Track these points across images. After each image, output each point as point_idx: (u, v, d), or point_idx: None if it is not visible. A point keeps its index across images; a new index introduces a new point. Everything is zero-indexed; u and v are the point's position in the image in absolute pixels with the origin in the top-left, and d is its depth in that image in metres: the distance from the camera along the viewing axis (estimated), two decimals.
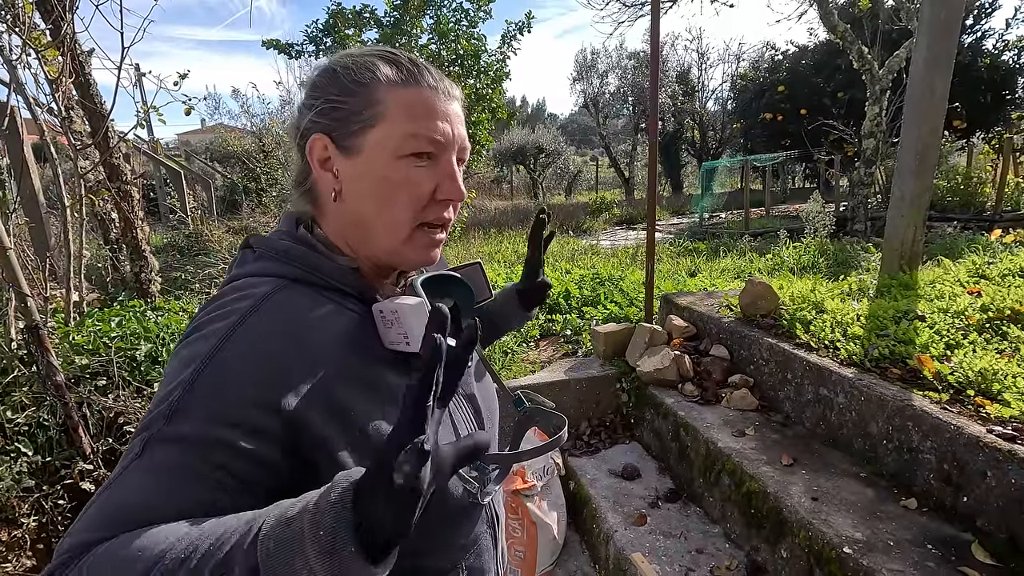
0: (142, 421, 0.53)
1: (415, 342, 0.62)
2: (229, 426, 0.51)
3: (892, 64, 7.87)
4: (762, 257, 6.48)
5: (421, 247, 0.66)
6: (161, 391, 0.54)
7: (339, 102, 0.63)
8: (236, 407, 0.52)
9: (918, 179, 2.82)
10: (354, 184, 0.64)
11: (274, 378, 0.54)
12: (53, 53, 2.74)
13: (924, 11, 2.78)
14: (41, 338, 2.04)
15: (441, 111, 0.64)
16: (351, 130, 0.63)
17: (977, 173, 9.03)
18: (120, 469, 0.51)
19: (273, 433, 0.53)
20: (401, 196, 0.63)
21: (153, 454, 0.50)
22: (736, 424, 2.18)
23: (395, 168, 0.62)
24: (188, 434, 0.51)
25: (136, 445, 0.51)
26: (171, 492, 0.49)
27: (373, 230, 0.65)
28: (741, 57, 22.74)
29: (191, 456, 0.50)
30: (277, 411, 0.53)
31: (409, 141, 0.62)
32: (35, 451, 2.03)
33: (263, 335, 0.56)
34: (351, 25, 7.93)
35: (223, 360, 0.53)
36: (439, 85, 0.65)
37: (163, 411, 0.51)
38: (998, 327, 2.03)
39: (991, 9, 12.87)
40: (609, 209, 15.05)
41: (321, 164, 0.65)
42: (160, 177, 10.44)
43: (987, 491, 1.44)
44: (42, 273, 2.85)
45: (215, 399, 0.52)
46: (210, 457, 0.50)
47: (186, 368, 0.53)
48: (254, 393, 0.53)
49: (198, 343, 0.55)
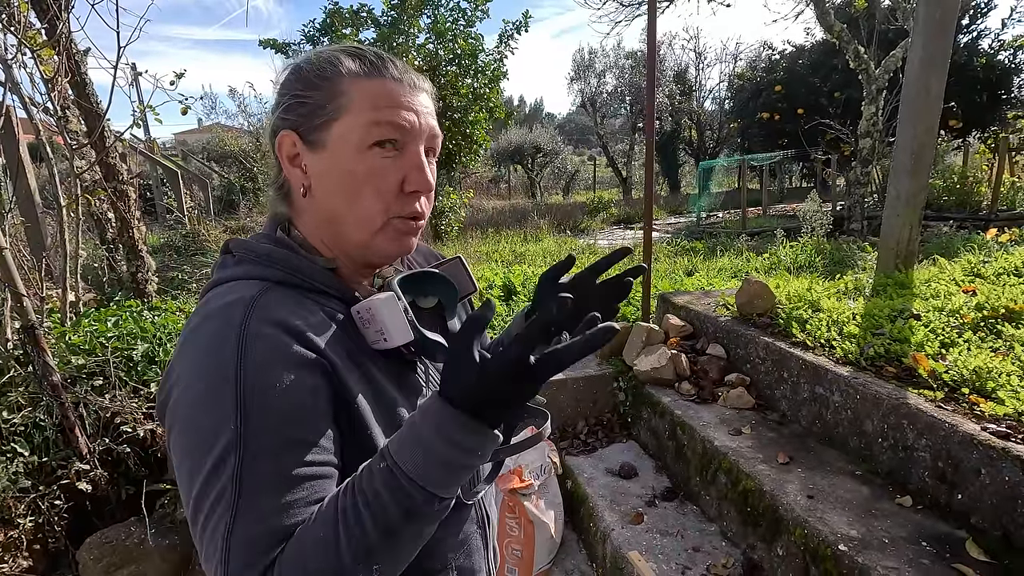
0: (203, 454, 0.53)
1: (391, 337, 0.62)
2: (297, 420, 0.54)
3: (888, 64, 7.90)
4: (759, 256, 6.49)
5: (393, 237, 0.66)
6: (204, 424, 0.53)
7: (304, 97, 0.64)
8: (289, 406, 0.54)
9: (914, 178, 2.84)
10: (322, 179, 0.64)
11: (299, 353, 0.56)
12: (49, 52, 2.73)
13: (920, 11, 2.79)
14: (37, 338, 2.03)
15: (405, 101, 0.64)
16: (316, 124, 0.63)
17: (973, 172, 9.07)
18: (216, 501, 0.51)
19: (324, 386, 0.57)
20: (367, 189, 0.63)
21: (254, 475, 0.51)
22: (732, 423, 2.19)
23: (360, 160, 0.62)
24: (269, 444, 0.52)
25: (220, 480, 0.51)
26: (296, 496, 0.53)
27: (344, 225, 0.65)
28: (738, 57, 22.77)
29: (286, 461, 0.53)
30: (319, 368, 0.57)
31: (372, 130, 0.62)
32: (31, 451, 2.03)
33: (268, 331, 0.56)
34: (348, 24, 7.92)
35: (251, 367, 0.53)
36: (404, 76, 0.65)
37: (232, 440, 0.52)
38: (993, 326, 2.04)
39: (987, 9, 12.91)
40: (607, 208, 15.05)
41: (290, 160, 0.65)
42: (157, 177, 10.41)
43: (981, 488, 1.45)
44: (38, 273, 2.84)
45: (267, 402, 0.53)
46: (297, 453, 0.54)
47: (222, 390, 0.53)
48: (294, 380, 0.55)
49: (213, 364, 0.54)
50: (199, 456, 0.52)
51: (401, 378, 0.68)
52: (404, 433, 0.53)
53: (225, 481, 0.51)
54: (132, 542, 2.03)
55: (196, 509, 0.52)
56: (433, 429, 0.51)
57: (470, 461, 0.52)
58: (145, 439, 2.21)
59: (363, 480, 0.52)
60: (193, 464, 0.53)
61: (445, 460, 0.51)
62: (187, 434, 0.54)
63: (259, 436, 0.52)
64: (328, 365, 0.58)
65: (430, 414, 0.52)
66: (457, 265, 0.78)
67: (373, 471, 0.52)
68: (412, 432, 0.52)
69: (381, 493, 0.50)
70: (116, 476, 2.19)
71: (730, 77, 21.16)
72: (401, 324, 0.62)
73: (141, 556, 2.03)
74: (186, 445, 0.54)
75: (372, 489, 0.51)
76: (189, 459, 0.53)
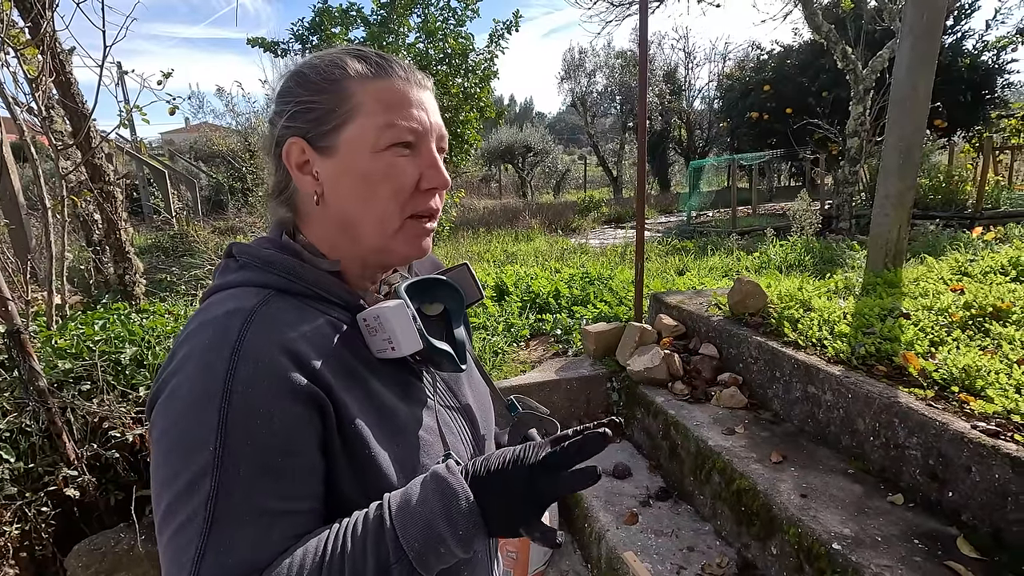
0: (175, 468, 0.51)
1: (399, 346, 0.60)
2: (279, 451, 0.53)
3: (875, 64, 7.98)
4: (749, 255, 6.53)
5: (411, 238, 0.65)
6: (184, 435, 0.52)
7: (311, 102, 0.62)
8: (272, 427, 0.53)
9: (902, 178, 2.87)
10: (336, 184, 0.63)
11: (292, 379, 0.54)
12: (32, 51, 2.69)
13: (907, 12, 2.82)
14: (22, 342, 2.00)
15: (415, 99, 0.63)
16: (326, 129, 0.62)
17: (958, 171, 9.18)
18: (187, 520, 0.50)
19: (312, 415, 0.56)
20: (384, 189, 0.62)
21: (228, 503, 0.50)
22: (726, 422, 2.20)
23: (375, 162, 0.61)
24: (247, 473, 0.51)
25: (192, 501, 0.50)
26: (270, 530, 0.51)
27: (361, 228, 0.64)
28: (727, 57, 22.98)
29: (260, 493, 0.52)
30: (312, 395, 0.55)
31: (386, 132, 0.61)
32: (17, 457, 1.99)
33: (264, 351, 0.54)
34: (337, 23, 7.87)
35: (239, 387, 0.52)
36: (410, 76, 0.65)
37: (209, 461, 0.50)
38: (981, 324, 2.06)
39: (971, 10, 13.09)
40: (598, 208, 15.08)
41: (300, 168, 0.64)
42: (143, 177, 10.29)
43: (972, 486, 1.47)
44: (23, 276, 2.79)
45: (251, 427, 0.52)
46: (276, 485, 0.52)
47: (207, 407, 0.51)
48: (283, 398, 0.53)
49: (203, 375, 0.53)
50: (175, 468, 0.51)
51: (406, 388, 0.66)
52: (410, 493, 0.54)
53: (197, 504, 0.49)
54: (121, 548, 2.01)
55: (164, 521, 0.51)
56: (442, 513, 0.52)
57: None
58: (134, 444, 2.18)
59: (355, 528, 0.52)
60: (168, 474, 0.51)
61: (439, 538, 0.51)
62: (165, 441, 0.52)
63: (238, 463, 0.50)
64: (323, 391, 0.56)
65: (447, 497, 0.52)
66: (464, 272, 0.77)
67: (368, 519, 0.53)
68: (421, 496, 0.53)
69: (367, 543, 0.51)
70: (104, 482, 2.15)
71: (719, 77, 21.30)
72: (410, 333, 0.60)
73: (130, 563, 2.00)
74: (164, 452, 0.52)
75: (360, 538, 0.51)
76: (165, 467, 0.52)
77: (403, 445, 0.61)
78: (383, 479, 0.58)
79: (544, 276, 4.72)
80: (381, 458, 0.59)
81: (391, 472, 0.58)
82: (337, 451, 0.57)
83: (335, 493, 0.57)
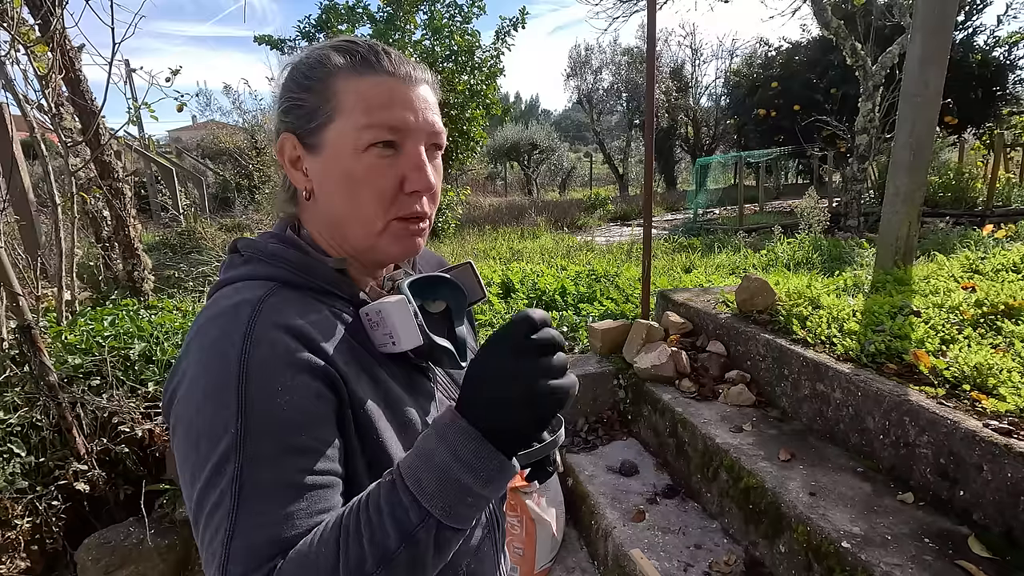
0: (202, 457, 0.52)
1: (400, 341, 0.61)
2: (300, 427, 0.53)
3: (885, 60, 7.91)
4: (757, 253, 6.50)
5: (398, 238, 0.64)
6: (207, 424, 0.52)
7: (299, 99, 0.63)
8: (293, 413, 0.53)
9: (912, 175, 2.84)
10: (322, 182, 0.63)
11: (305, 358, 0.55)
12: (42, 49, 2.70)
13: (919, 7, 2.78)
14: (33, 338, 2.01)
15: (401, 98, 0.61)
16: (312, 127, 0.62)
17: (968, 169, 9.10)
18: (214, 506, 0.50)
19: (328, 397, 0.56)
20: (365, 191, 0.61)
21: (253, 482, 0.50)
22: (733, 420, 2.19)
23: (356, 162, 0.60)
24: (269, 450, 0.51)
25: (220, 485, 0.50)
26: (296, 505, 0.51)
27: (347, 227, 0.64)
28: (734, 53, 22.85)
29: (285, 468, 0.52)
30: (325, 374, 0.56)
31: (366, 133, 0.59)
32: (28, 452, 2.01)
33: (276, 334, 0.55)
34: (344, 20, 7.88)
35: (255, 369, 0.52)
36: (399, 70, 0.63)
37: (231, 444, 0.51)
38: (992, 322, 2.04)
39: (982, 5, 12.95)
40: (604, 205, 15.04)
41: (292, 164, 0.64)
42: (151, 174, 10.34)
43: (983, 485, 1.45)
44: (33, 272, 2.82)
45: (270, 407, 0.52)
46: (299, 460, 0.52)
47: (225, 392, 0.52)
48: (298, 386, 0.54)
49: (218, 363, 0.53)
50: (200, 458, 0.51)
51: (411, 380, 0.67)
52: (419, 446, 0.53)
53: (224, 486, 0.50)
54: (131, 542, 2.02)
55: (197, 512, 0.51)
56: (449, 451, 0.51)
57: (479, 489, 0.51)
58: (143, 439, 2.20)
59: (370, 497, 0.52)
60: (195, 466, 0.52)
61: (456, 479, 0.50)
62: (189, 435, 0.53)
63: (259, 441, 0.51)
64: (335, 371, 0.56)
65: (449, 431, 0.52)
66: (467, 271, 0.77)
67: (381, 485, 0.52)
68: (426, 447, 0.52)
69: (382, 509, 0.50)
70: (114, 476, 2.17)
71: (726, 74, 21.16)
72: (411, 328, 0.61)
73: (140, 557, 2.01)
74: (188, 446, 0.53)
75: (376, 505, 0.50)
76: (191, 460, 0.53)
77: (410, 434, 0.61)
78: (392, 466, 0.58)
79: (550, 273, 4.72)
80: (391, 444, 0.59)
81: (399, 459, 0.59)
82: (351, 433, 0.57)
83: (347, 478, 0.57)
